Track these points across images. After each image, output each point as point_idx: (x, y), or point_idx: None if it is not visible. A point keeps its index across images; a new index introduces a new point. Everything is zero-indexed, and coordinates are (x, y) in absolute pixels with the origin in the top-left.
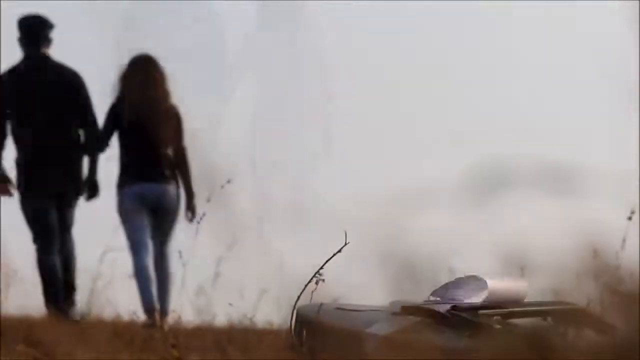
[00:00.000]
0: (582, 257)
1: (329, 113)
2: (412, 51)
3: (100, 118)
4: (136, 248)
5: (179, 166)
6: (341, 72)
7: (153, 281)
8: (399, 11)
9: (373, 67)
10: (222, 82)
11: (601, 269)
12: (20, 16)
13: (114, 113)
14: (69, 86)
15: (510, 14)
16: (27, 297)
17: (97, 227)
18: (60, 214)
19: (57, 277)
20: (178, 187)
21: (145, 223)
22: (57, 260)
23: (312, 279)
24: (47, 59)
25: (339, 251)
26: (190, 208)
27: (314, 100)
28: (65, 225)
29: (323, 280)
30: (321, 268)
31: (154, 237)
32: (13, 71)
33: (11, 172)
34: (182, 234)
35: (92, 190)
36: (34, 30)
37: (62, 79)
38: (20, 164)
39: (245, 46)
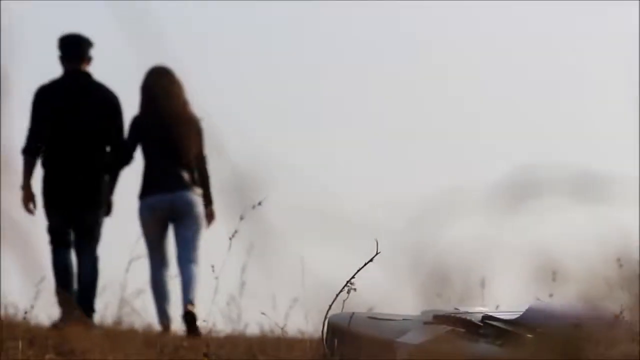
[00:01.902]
0: (611, 266)
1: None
2: (446, 58)
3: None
4: (150, 260)
5: (200, 174)
6: (373, 74)
7: (167, 296)
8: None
9: (406, 72)
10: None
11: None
12: (61, 35)
13: (135, 126)
14: (107, 106)
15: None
16: (57, 307)
17: (126, 235)
18: (77, 228)
19: (68, 270)
20: (198, 193)
21: (161, 235)
22: (68, 253)
23: (343, 288)
24: (88, 76)
25: (371, 260)
26: (209, 214)
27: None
28: (85, 240)
29: (354, 289)
30: (353, 277)
31: (177, 244)
32: (56, 82)
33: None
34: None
35: (106, 209)
36: (74, 48)
37: (101, 97)
38: (45, 166)
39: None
